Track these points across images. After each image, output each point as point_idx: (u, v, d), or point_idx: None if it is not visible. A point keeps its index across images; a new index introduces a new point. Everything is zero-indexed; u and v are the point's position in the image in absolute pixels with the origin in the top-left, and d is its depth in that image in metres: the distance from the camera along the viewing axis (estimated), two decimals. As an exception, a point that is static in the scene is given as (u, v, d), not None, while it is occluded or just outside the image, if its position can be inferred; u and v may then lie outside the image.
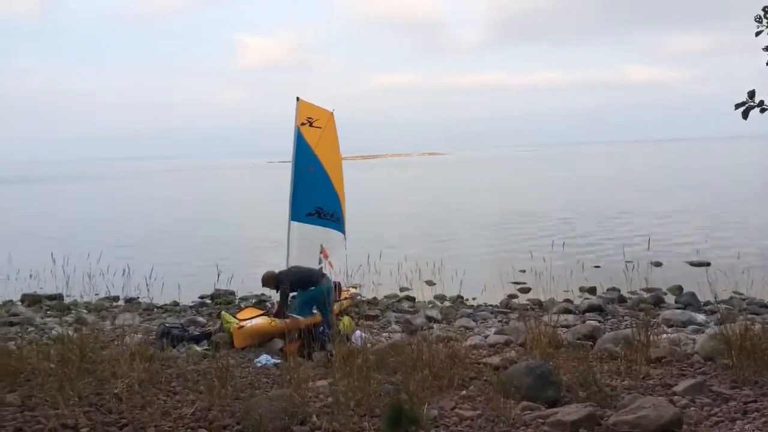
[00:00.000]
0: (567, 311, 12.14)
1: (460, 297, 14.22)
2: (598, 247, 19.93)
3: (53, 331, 9.46)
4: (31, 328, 11.20)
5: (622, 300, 13.42)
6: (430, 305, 13.54)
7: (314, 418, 4.55)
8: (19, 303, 14.41)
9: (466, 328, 11.22)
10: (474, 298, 14.18)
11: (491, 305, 13.54)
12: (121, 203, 46.84)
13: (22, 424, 4.32)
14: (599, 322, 11.16)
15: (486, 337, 9.88)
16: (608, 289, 14.24)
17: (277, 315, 9.48)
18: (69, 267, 13.69)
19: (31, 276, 15.01)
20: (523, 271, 15.74)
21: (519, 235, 23.22)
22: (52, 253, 12.64)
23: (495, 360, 6.87)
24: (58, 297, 14.43)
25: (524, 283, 15.11)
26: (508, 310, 12.90)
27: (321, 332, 9.46)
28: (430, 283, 14.97)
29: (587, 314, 12.14)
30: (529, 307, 12.67)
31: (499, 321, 12.04)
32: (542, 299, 13.11)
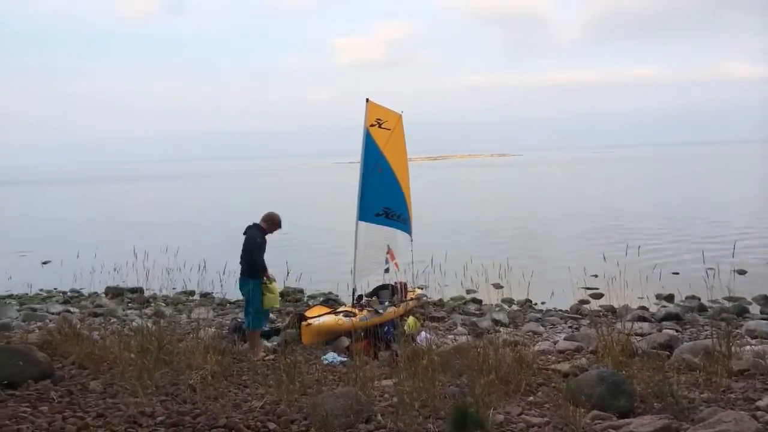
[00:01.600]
0: (642, 319, 11.69)
1: (528, 301, 13.95)
2: (677, 252, 19.06)
3: (134, 323, 9.94)
4: (113, 320, 11.83)
5: (702, 309, 12.79)
6: (497, 308, 13.36)
7: (379, 417, 4.57)
8: (104, 295, 15.24)
9: (535, 333, 11.01)
10: (543, 303, 13.87)
11: (561, 310, 13.22)
12: (198, 202, 48.73)
13: (103, 410, 4.56)
14: (677, 331, 10.69)
15: (555, 342, 9.67)
16: (687, 297, 13.63)
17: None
18: (149, 261, 14.41)
19: (115, 269, 15.87)
20: (596, 276, 15.26)
21: (591, 238, 22.53)
22: (134, 248, 13.34)
23: (564, 367, 6.69)
24: (139, 290, 15.17)
25: (596, 289, 14.65)
26: (579, 316, 12.56)
27: (386, 332, 9.51)
28: (497, 286, 14.76)
29: (664, 323, 11.66)
30: (601, 313, 12.28)
31: (569, 327, 11.74)
32: (615, 306, 12.67)
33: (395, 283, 11.41)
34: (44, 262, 20.18)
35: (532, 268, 14.91)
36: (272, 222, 8.79)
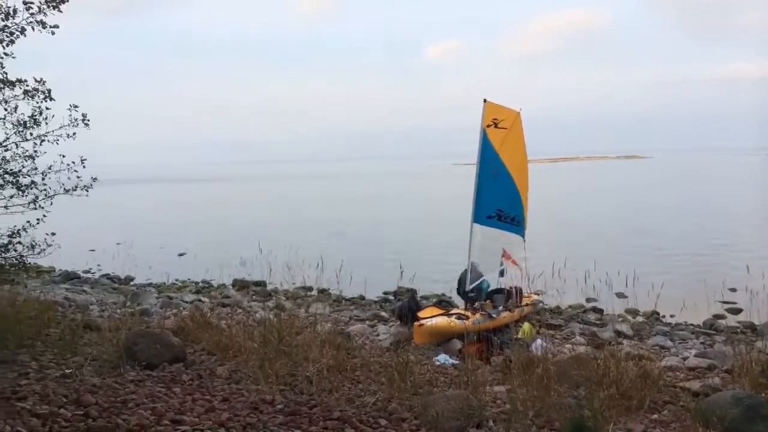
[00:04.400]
0: (788, 338, 10.58)
1: (655, 313, 13.12)
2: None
3: (257, 315, 10.51)
4: (239, 310, 12.54)
5: None
6: (620, 319, 12.69)
7: (490, 423, 4.49)
8: (231, 287, 16.24)
9: (662, 347, 10.34)
10: (672, 316, 12.98)
11: (692, 324, 12.30)
12: (325, 201, 50.58)
13: (228, 395, 4.86)
14: (830, 354, 9.55)
15: (684, 359, 9.06)
16: (844, 317, 12.14)
17: None
18: (272, 257, 15.22)
19: (241, 263, 16.91)
20: (734, 290, 14.08)
21: (730, 248, 20.73)
22: (259, 243, 14.16)
23: (695, 385, 6.25)
24: (262, 284, 16.02)
25: (734, 303, 13.51)
26: (713, 332, 11.63)
27: (500, 337, 9.35)
28: (621, 295, 14.05)
29: (814, 344, 10.47)
30: (739, 330, 11.36)
31: (701, 343, 10.90)
32: (756, 322, 11.61)
33: (510, 287, 11.19)
34: (180, 254, 21.88)
35: (662, 279, 14.02)
36: None
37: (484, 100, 10.72)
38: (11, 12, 5.87)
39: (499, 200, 10.89)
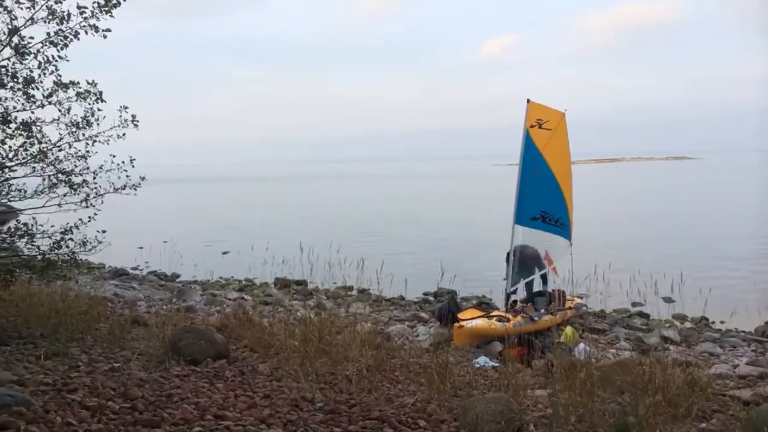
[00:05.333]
0: None
1: (704, 319, 12.72)
2: None
3: (298, 313, 10.63)
4: (281, 309, 12.71)
5: None
6: (666, 325, 12.35)
7: (531, 427, 4.43)
8: (273, 285, 16.46)
9: (711, 354, 10.02)
10: (722, 322, 12.56)
11: (743, 331, 11.88)
12: (355, 201, 50.82)
13: (270, 391, 4.93)
14: None
15: (735, 367, 8.78)
16: None
17: None
18: (313, 256, 15.35)
19: (283, 262, 17.11)
20: (788, 296, 13.53)
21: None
22: (300, 242, 14.30)
23: (745, 394, 6.04)
24: (303, 283, 16.18)
25: (788, 310, 12.96)
26: (766, 339, 11.19)
27: (542, 340, 9.23)
28: (668, 300, 13.68)
29: None
30: (793, 337, 10.86)
31: (752, 350, 10.52)
32: (812, 330, 11.12)
33: (553, 290, 11.02)
34: (224, 253, 22.28)
35: (711, 284, 13.60)
36: None
37: (528, 101, 10.60)
38: (66, 16, 6.07)
39: (543, 201, 10.75)
